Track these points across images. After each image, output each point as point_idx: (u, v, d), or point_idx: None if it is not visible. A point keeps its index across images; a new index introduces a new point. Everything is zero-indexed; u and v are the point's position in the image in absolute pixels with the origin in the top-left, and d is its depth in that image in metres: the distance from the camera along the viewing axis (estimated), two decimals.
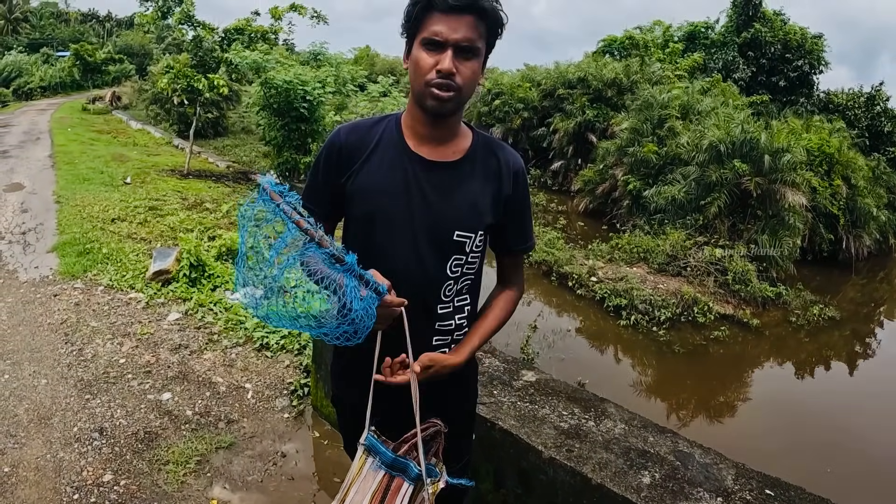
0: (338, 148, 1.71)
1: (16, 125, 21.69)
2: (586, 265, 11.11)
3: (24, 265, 6.74)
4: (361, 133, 1.72)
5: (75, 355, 4.64)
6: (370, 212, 1.66)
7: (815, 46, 24.63)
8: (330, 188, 1.73)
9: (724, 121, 14.11)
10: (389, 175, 1.66)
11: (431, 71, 1.53)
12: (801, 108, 22.43)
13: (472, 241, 1.68)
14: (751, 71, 24.29)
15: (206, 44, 12.92)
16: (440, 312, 1.72)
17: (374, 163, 1.67)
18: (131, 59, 48.56)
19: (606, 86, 19.96)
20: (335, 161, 1.71)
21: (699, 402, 8.08)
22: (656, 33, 28.52)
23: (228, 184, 12.88)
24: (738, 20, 25.26)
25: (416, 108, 1.64)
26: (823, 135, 15.45)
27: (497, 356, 3.31)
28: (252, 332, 5.06)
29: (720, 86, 20.10)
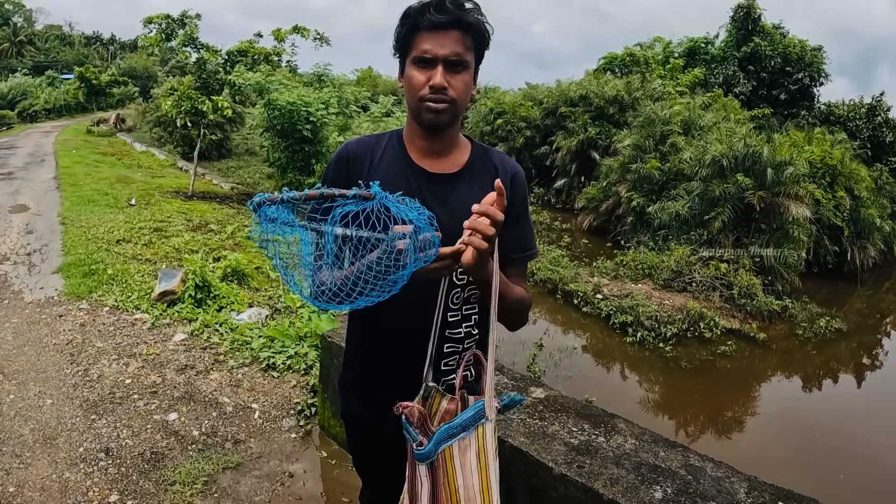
0: (346, 159, 1.76)
1: (21, 147, 21.81)
2: (591, 282, 11.09)
3: (30, 286, 6.75)
4: (368, 145, 1.78)
5: (81, 375, 4.63)
6: None
7: (815, 59, 24.68)
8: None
9: (727, 135, 14.15)
10: (393, 187, 1.66)
11: (424, 87, 1.59)
12: (802, 121, 22.48)
13: None
14: (751, 85, 24.37)
15: (210, 66, 13.03)
16: (450, 320, 1.72)
17: (378, 174, 1.70)
18: (135, 81, 49.00)
19: (608, 103, 20.04)
20: (343, 172, 1.74)
21: (708, 417, 8.02)
22: (656, 49, 28.65)
23: (233, 205, 12.92)
24: (738, 35, 25.38)
25: (414, 123, 1.70)
26: (825, 147, 15.49)
27: (505, 373, 3.30)
28: (258, 353, 5.05)
29: (721, 100, 20.18)
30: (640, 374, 9.03)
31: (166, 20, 12.67)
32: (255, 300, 6.58)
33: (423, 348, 1.68)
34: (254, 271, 7.48)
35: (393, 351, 1.77)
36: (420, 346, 1.68)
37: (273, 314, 6.22)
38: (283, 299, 6.64)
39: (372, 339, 1.82)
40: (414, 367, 1.70)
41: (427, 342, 1.67)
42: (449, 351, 1.75)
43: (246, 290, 6.90)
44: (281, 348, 5.06)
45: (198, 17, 12.89)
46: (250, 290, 6.97)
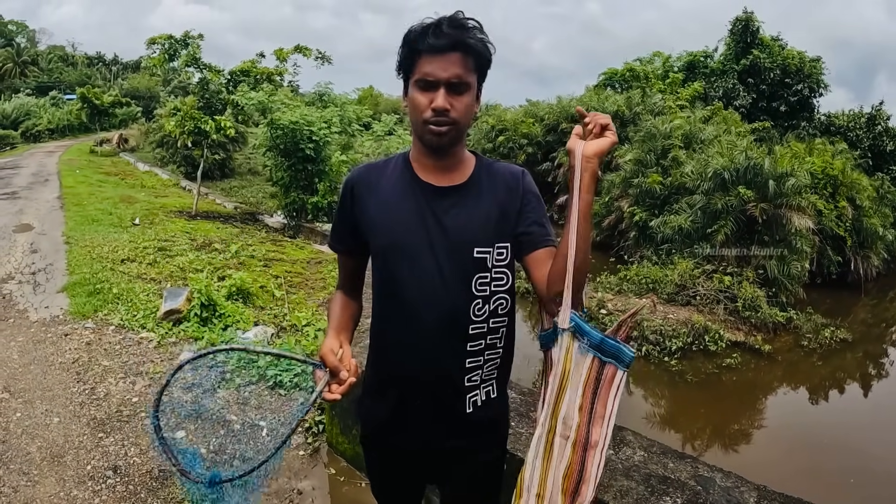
0: (352, 185, 1.80)
1: (24, 167, 21.91)
2: (595, 298, 11.08)
3: (35, 305, 6.77)
4: (374, 169, 1.82)
5: (88, 394, 4.64)
6: (389, 244, 1.72)
7: (814, 70, 24.77)
8: (350, 226, 1.82)
9: (728, 148, 14.18)
10: (403, 206, 1.72)
11: (427, 109, 1.62)
12: (803, 132, 22.50)
13: (492, 256, 1.70)
14: (751, 97, 24.46)
15: (213, 86, 13.11)
16: (472, 333, 1.71)
17: (386, 195, 1.75)
18: (138, 101, 49.27)
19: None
20: (350, 198, 1.80)
21: (715, 429, 7.99)
22: (656, 64, 28.81)
23: (236, 224, 12.96)
24: (737, 48, 25.51)
25: (419, 143, 1.72)
26: (826, 157, 15.51)
27: (513, 388, 3.30)
28: (265, 371, 5.05)
29: (722, 114, 20.24)
30: (646, 388, 9.00)
31: (169, 41, 12.78)
32: (261, 319, 6.59)
33: (448, 369, 1.73)
34: (259, 290, 7.49)
35: (416, 385, 1.78)
36: (444, 366, 1.73)
37: (279, 332, 6.22)
38: (288, 318, 6.65)
39: (391, 377, 1.83)
40: (439, 388, 1.75)
41: (447, 362, 1.72)
42: (471, 366, 1.75)
43: (251, 308, 6.91)
44: (287, 366, 5.06)
45: (200, 37, 13.00)
46: (255, 308, 6.98)
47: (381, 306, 1.80)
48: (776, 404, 9.09)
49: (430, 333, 1.69)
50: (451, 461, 1.85)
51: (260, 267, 9.03)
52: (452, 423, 1.79)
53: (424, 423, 1.78)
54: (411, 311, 1.70)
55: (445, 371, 1.73)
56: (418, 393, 1.76)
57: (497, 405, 1.86)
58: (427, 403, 1.76)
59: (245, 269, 8.59)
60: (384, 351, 1.84)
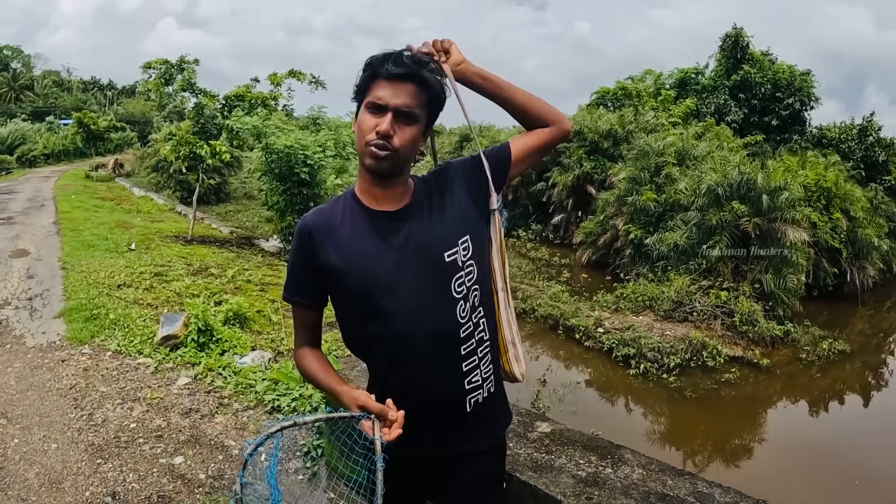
0: (308, 232, 1.77)
1: (20, 192, 21.88)
2: (592, 316, 11.10)
3: (32, 330, 6.75)
4: (325, 214, 1.81)
5: (85, 420, 4.62)
6: (362, 282, 1.71)
7: (805, 83, 24.90)
8: (311, 275, 1.79)
9: (721, 164, 14.29)
10: (363, 240, 1.72)
11: (371, 132, 1.62)
12: (795, 145, 22.66)
13: (459, 254, 1.71)
14: (743, 112, 24.58)
15: (208, 111, 13.18)
16: (462, 336, 1.73)
17: (344, 235, 1.74)
18: (133, 126, 49.37)
19: (602, 137, 20.19)
20: (308, 245, 1.77)
21: (715, 445, 7.98)
22: (647, 82, 28.95)
23: (233, 249, 12.96)
24: (727, 63, 25.66)
25: (363, 169, 1.73)
26: (819, 170, 15.62)
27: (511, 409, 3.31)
28: (263, 395, 5.04)
29: (714, 129, 20.37)
30: (645, 405, 9.00)
31: (165, 65, 12.86)
32: (258, 343, 6.58)
33: (448, 378, 1.75)
34: (255, 315, 7.48)
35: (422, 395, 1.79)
36: (444, 375, 1.75)
37: (276, 357, 6.21)
38: (285, 342, 6.65)
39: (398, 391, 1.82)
40: (440, 388, 1.77)
41: (450, 371, 1.75)
42: (468, 367, 1.76)
43: (248, 333, 6.90)
44: (285, 391, 5.05)
45: (196, 62, 13.09)
46: (252, 333, 6.98)
47: (368, 344, 1.80)
48: (776, 418, 9.09)
49: (425, 352, 1.70)
50: (455, 467, 1.86)
51: (256, 291, 9.03)
52: (456, 426, 1.81)
53: (430, 428, 1.79)
54: (402, 338, 1.70)
55: (448, 381, 1.75)
56: (424, 407, 1.75)
57: (496, 400, 1.89)
58: (433, 413, 1.78)
59: (242, 293, 8.59)
60: (385, 379, 1.82)
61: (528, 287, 13.48)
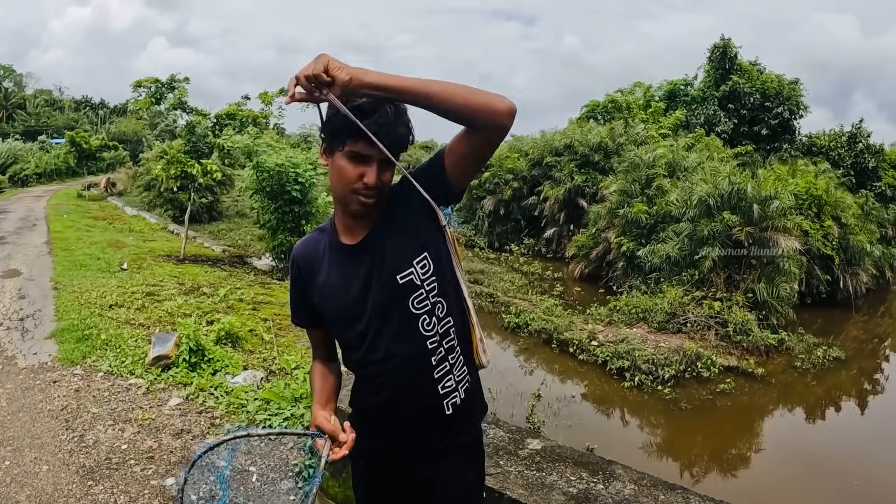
0: (297, 264, 1.90)
1: (12, 212, 21.73)
2: (586, 330, 11.10)
3: (23, 351, 6.71)
4: (310, 244, 1.90)
5: (76, 441, 4.59)
6: (334, 313, 1.84)
7: (793, 92, 25.02)
8: (304, 300, 1.91)
9: (711, 175, 14.34)
10: (335, 273, 1.81)
11: (358, 181, 1.65)
12: (785, 154, 22.77)
13: (416, 273, 1.74)
14: (732, 123, 24.68)
15: (199, 129, 13.19)
16: (430, 347, 1.78)
17: (323, 268, 1.84)
18: (125, 145, 49.25)
19: (593, 150, 20.26)
20: (297, 276, 1.90)
21: (711, 456, 7.97)
22: (637, 94, 29.11)
23: (225, 268, 12.92)
24: (716, 74, 25.80)
25: (340, 206, 1.78)
26: (809, 178, 15.71)
27: (501, 426, 3.29)
28: (254, 415, 5.01)
29: (704, 140, 20.47)
30: (641, 418, 8.98)
31: (155, 83, 12.88)
32: (250, 363, 6.55)
33: (423, 388, 1.81)
34: (248, 334, 7.45)
35: (395, 404, 1.85)
36: (419, 386, 1.80)
37: (268, 376, 6.18)
38: (277, 361, 6.62)
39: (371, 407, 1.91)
40: (418, 398, 1.82)
41: (422, 385, 1.80)
42: (440, 375, 1.81)
43: (240, 352, 6.87)
44: (277, 410, 5.02)
45: (186, 80, 13.11)
46: (244, 352, 6.94)
47: (348, 361, 1.92)
48: (772, 427, 9.09)
49: (396, 371, 1.78)
50: (437, 467, 1.90)
51: (249, 310, 8.99)
52: (436, 427, 1.86)
53: (414, 434, 1.87)
54: (374, 361, 1.80)
55: (423, 393, 1.81)
56: (405, 418, 1.85)
57: (474, 396, 1.93)
58: (415, 422, 1.86)
59: (234, 312, 8.55)
60: (365, 395, 1.92)
61: (521, 301, 13.48)
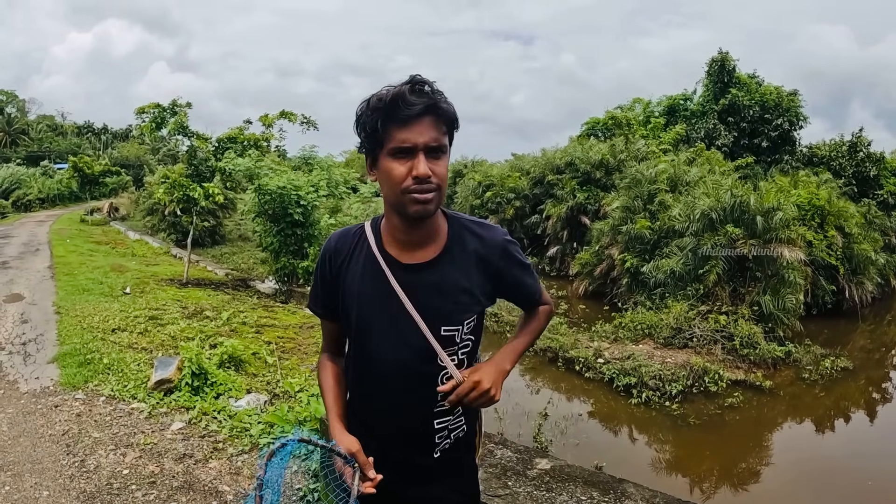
0: (330, 254, 1.82)
1: (15, 236, 21.76)
2: (592, 347, 11.04)
3: (25, 376, 6.65)
4: (348, 239, 1.81)
5: (77, 466, 4.53)
6: (358, 321, 1.75)
7: (792, 103, 25.01)
8: (328, 292, 1.83)
9: (713, 188, 14.32)
10: (370, 282, 1.72)
11: (407, 178, 1.55)
12: (786, 166, 22.77)
13: (461, 332, 1.71)
14: (733, 136, 24.68)
15: (201, 153, 13.18)
16: (440, 399, 1.73)
17: (357, 270, 1.75)
18: (127, 170, 49.48)
19: (594, 167, 20.28)
20: (328, 266, 1.81)
21: (722, 471, 7.89)
22: (637, 110, 29.22)
23: (228, 291, 12.89)
24: (715, 88, 25.85)
25: (395, 215, 1.67)
26: (811, 188, 15.73)
27: (509, 446, 3.24)
28: (258, 439, 4.96)
29: (705, 154, 20.50)
30: (649, 434, 8.90)
31: (157, 109, 12.89)
32: (253, 386, 6.50)
33: (416, 433, 1.78)
34: (251, 357, 7.40)
35: (392, 441, 1.81)
36: (413, 430, 1.78)
37: (272, 399, 6.13)
38: (281, 384, 6.57)
39: (370, 435, 1.83)
40: (411, 443, 1.79)
41: (417, 427, 1.78)
42: (440, 426, 1.78)
43: (243, 376, 6.82)
44: (280, 434, 4.97)
45: (188, 105, 13.12)
46: (247, 376, 6.89)
47: (354, 373, 1.84)
48: (782, 440, 9.03)
49: (400, 401, 1.75)
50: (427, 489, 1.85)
51: (252, 333, 8.95)
52: (423, 471, 1.82)
53: (397, 469, 1.78)
54: (382, 382, 1.75)
55: (417, 430, 1.78)
56: (393, 447, 1.79)
57: (467, 444, 1.89)
58: (400, 457, 1.80)
59: (237, 335, 8.51)
60: (359, 412, 1.85)
61: None
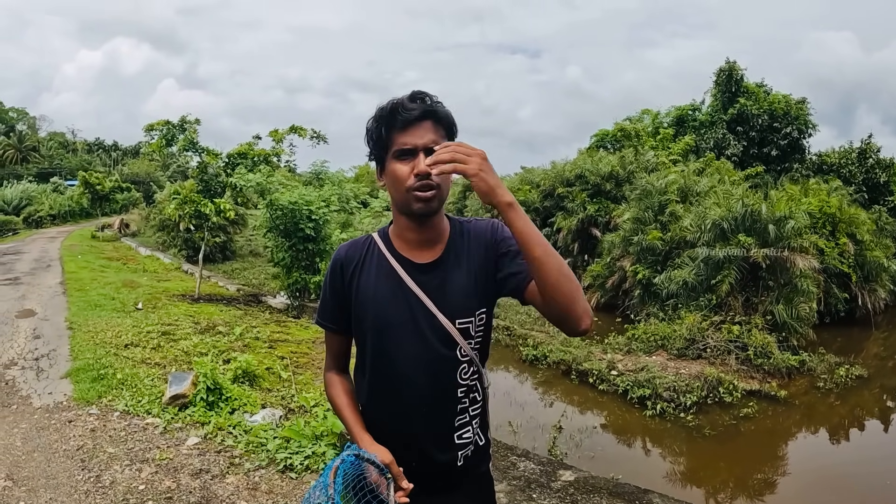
0: (340, 264, 1.86)
1: (27, 252, 21.91)
2: (605, 359, 10.99)
3: (38, 391, 6.65)
4: (358, 247, 1.88)
5: (93, 482, 4.51)
6: (376, 323, 1.79)
7: (801, 111, 25.01)
8: (338, 303, 1.88)
9: (724, 198, 14.30)
10: (385, 284, 1.78)
11: (409, 177, 1.66)
12: (796, 174, 22.74)
13: (474, 324, 1.77)
14: (742, 145, 24.66)
15: (211, 169, 13.22)
16: (459, 395, 1.79)
17: (371, 275, 1.80)
18: (138, 186, 49.82)
19: (604, 179, 20.27)
20: (339, 276, 1.86)
21: (738, 482, 7.84)
22: (645, 122, 29.23)
23: (240, 307, 12.92)
24: (723, 98, 25.87)
25: (402, 216, 1.78)
26: (822, 196, 15.70)
27: (532, 459, 3.22)
28: (274, 454, 4.93)
29: (714, 164, 20.48)
30: (664, 446, 8.83)
31: (167, 126, 12.95)
32: (268, 401, 6.48)
33: (439, 433, 1.80)
34: (265, 372, 7.39)
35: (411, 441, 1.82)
36: (436, 430, 1.80)
37: (287, 414, 6.11)
38: (296, 399, 6.55)
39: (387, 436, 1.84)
40: (433, 450, 1.81)
41: (440, 427, 1.80)
42: (461, 423, 1.82)
43: (258, 391, 6.80)
44: (298, 448, 4.95)
45: (197, 122, 13.17)
46: (262, 391, 6.88)
47: (371, 379, 1.85)
48: (797, 449, 8.99)
49: (421, 404, 1.77)
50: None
51: (265, 348, 8.95)
52: (445, 478, 1.84)
53: (419, 479, 1.79)
54: (402, 385, 1.77)
55: (439, 435, 1.80)
56: (413, 454, 1.80)
57: (483, 453, 1.91)
58: (422, 464, 1.81)
59: (250, 351, 8.50)
60: (378, 421, 1.85)
61: (538, 333, 13.37)
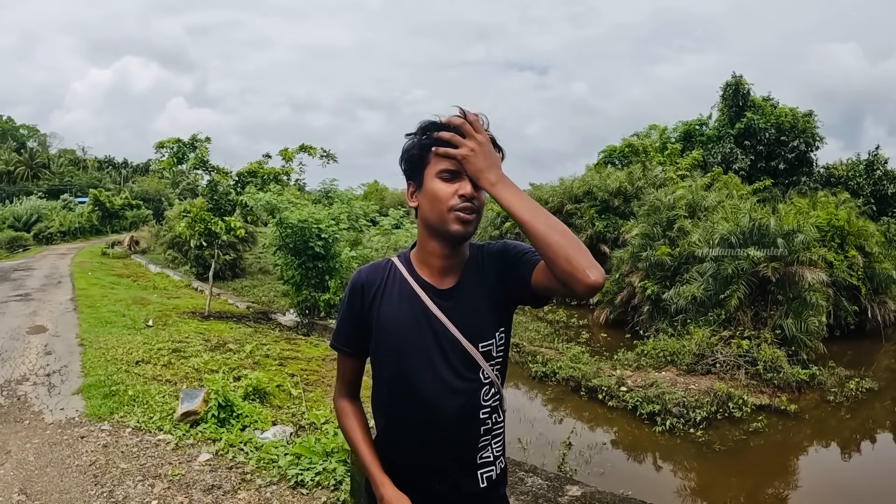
0: (360, 286, 1.82)
1: (37, 269, 22.00)
2: (614, 375, 10.97)
3: (50, 406, 6.70)
4: (379, 271, 1.84)
5: (105, 497, 4.55)
6: (399, 346, 1.76)
7: (808, 124, 24.99)
8: (357, 327, 1.84)
9: (732, 212, 14.29)
10: (407, 308, 1.76)
11: (453, 197, 1.62)
12: (804, 187, 22.71)
13: (495, 345, 1.77)
14: (749, 159, 24.63)
15: (221, 187, 13.32)
16: (482, 417, 1.78)
17: (393, 298, 1.78)
18: (147, 204, 50.15)
19: (612, 195, 20.29)
20: (359, 299, 1.82)
21: (748, 498, 7.80)
22: (653, 137, 29.22)
23: (250, 324, 12.96)
24: (730, 112, 25.89)
25: (433, 240, 1.73)
26: (830, 209, 15.69)
27: (539, 474, 3.23)
28: (286, 470, 4.96)
29: (722, 179, 20.47)
30: (674, 462, 8.80)
31: (177, 144, 13.07)
32: (279, 418, 6.52)
33: (462, 456, 1.79)
34: (275, 389, 7.43)
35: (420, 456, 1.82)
36: (459, 454, 1.79)
37: (297, 431, 6.14)
38: (306, 416, 6.58)
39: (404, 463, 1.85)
40: (456, 472, 1.79)
41: (463, 450, 1.79)
42: (483, 445, 1.81)
43: (268, 408, 6.84)
44: (308, 465, 4.97)
45: (207, 140, 13.29)
46: (272, 408, 6.91)
47: (391, 404, 1.84)
48: (808, 464, 8.95)
49: (444, 427, 1.75)
50: None
51: (275, 366, 8.99)
52: (468, 502, 1.82)
53: (441, 502, 1.81)
54: (424, 409, 1.75)
55: (462, 458, 1.79)
56: (436, 479, 1.79)
57: (502, 475, 1.90)
58: (444, 486, 1.80)
59: (260, 368, 8.54)
60: (398, 444, 1.84)
61: (547, 350, 13.35)
